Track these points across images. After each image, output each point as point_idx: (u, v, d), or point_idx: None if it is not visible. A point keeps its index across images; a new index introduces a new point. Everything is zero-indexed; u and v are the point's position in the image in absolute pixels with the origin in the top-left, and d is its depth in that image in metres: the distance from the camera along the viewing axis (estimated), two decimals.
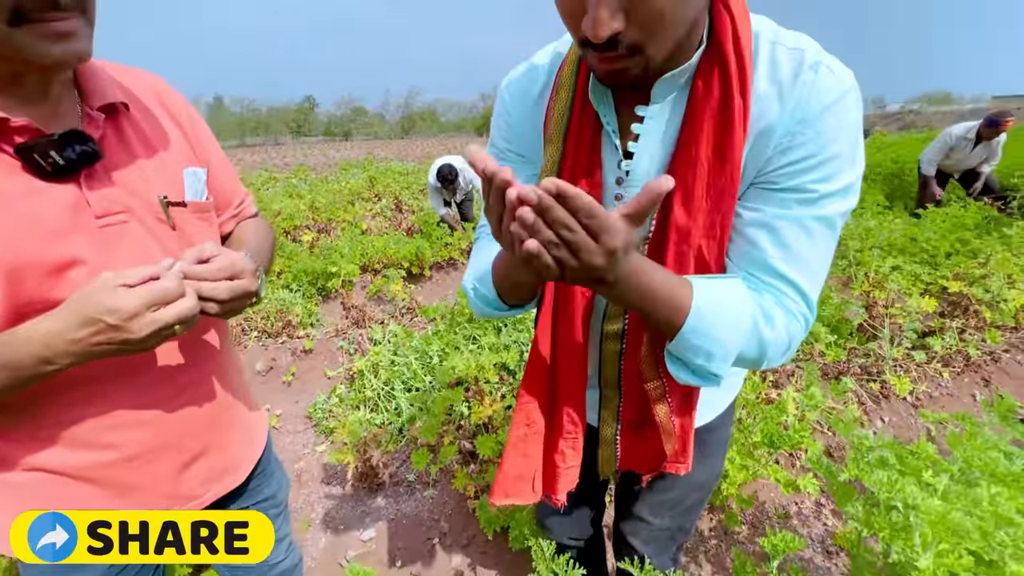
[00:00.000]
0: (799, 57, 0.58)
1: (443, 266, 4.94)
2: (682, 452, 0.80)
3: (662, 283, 0.58)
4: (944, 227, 3.96)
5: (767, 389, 2.13)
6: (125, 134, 0.72)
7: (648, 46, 0.53)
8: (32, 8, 0.55)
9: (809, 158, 0.58)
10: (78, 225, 0.64)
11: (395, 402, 2.53)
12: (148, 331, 0.59)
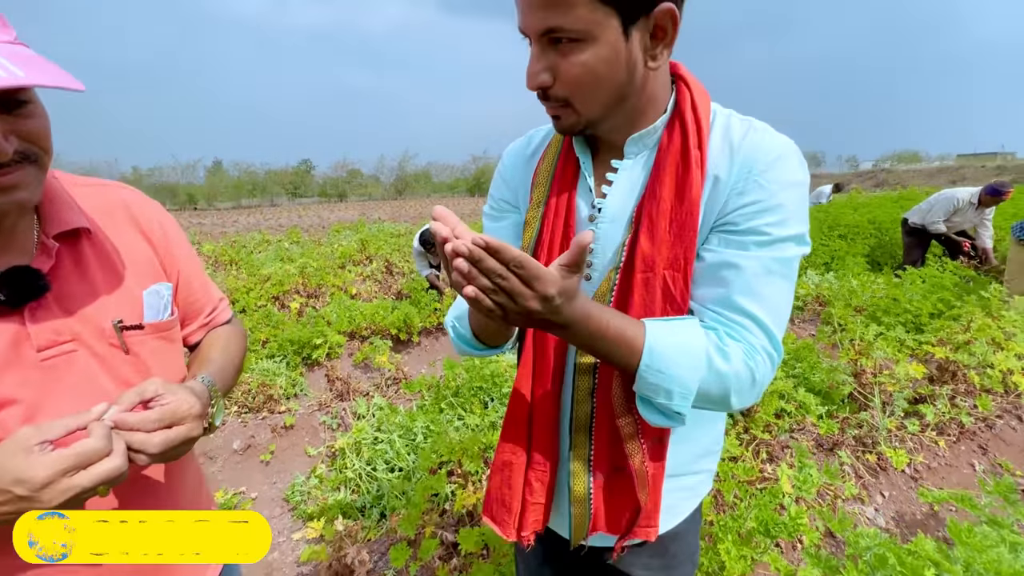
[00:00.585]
0: (748, 124, 0.71)
1: (431, 332, 4.91)
2: (652, 512, 0.78)
3: (613, 325, 0.64)
4: (924, 288, 4.04)
5: (760, 465, 2.06)
6: (83, 259, 0.70)
7: (574, 102, 0.68)
8: None
9: (759, 203, 0.67)
10: (14, 361, 0.62)
11: (376, 484, 2.42)
12: (62, 499, 0.54)
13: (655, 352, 0.64)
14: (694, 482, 0.88)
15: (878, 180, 34.44)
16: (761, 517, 1.53)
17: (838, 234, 6.60)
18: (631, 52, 0.65)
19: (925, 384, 2.79)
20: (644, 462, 0.75)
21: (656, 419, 0.69)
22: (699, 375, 0.65)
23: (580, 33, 0.62)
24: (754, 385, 0.68)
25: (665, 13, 0.63)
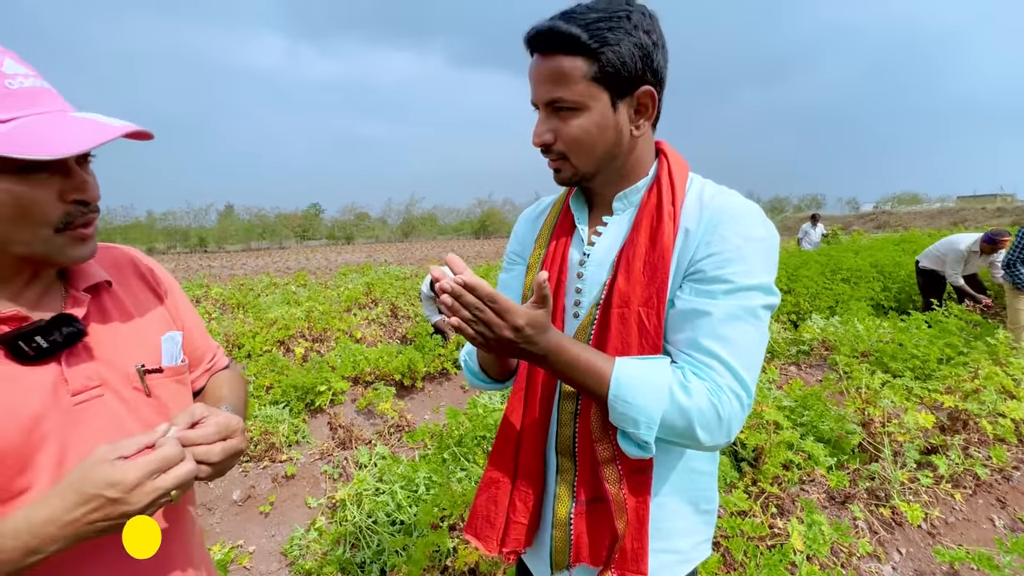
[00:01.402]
0: (719, 189, 0.84)
1: (435, 377, 4.89)
2: (639, 553, 0.79)
3: (583, 357, 0.74)
4: (931, 333, 4.02)
5: (769, 519, 2.01)
6: (106, 310, 0.76)
7: (571, 157, 0.81)
8: (75, 216, 0.65)
9: (724, 253, 0.75)
10: (53, 405, 0.66)
11: (377, 538, 2.36)
12: (148, 500, 0.58)
13: (621, 383, 0.72)
14: (686, 545, 0.89)
15: (879, 222, 34.72)
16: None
17: (841, 278, 6.62)
18: (618, 121, 0.79)
19: (936, 434, 2.73)
20: (622, 490, 0.79)
21: (631, 449, 0.76)
22: (662, 407, 0.72)
23: (577, 104, 0.76)
24: (720, 422, 0.73)
25: (645, 93, 0.78)
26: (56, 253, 0.65)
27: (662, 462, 0.85)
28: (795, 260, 7.48)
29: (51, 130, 0.60)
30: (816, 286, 6.26)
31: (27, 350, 0.65)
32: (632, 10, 0.75)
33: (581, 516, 0.85)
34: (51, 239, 0.64)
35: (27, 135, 0.58)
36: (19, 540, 0.56)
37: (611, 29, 0.73)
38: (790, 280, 6.45)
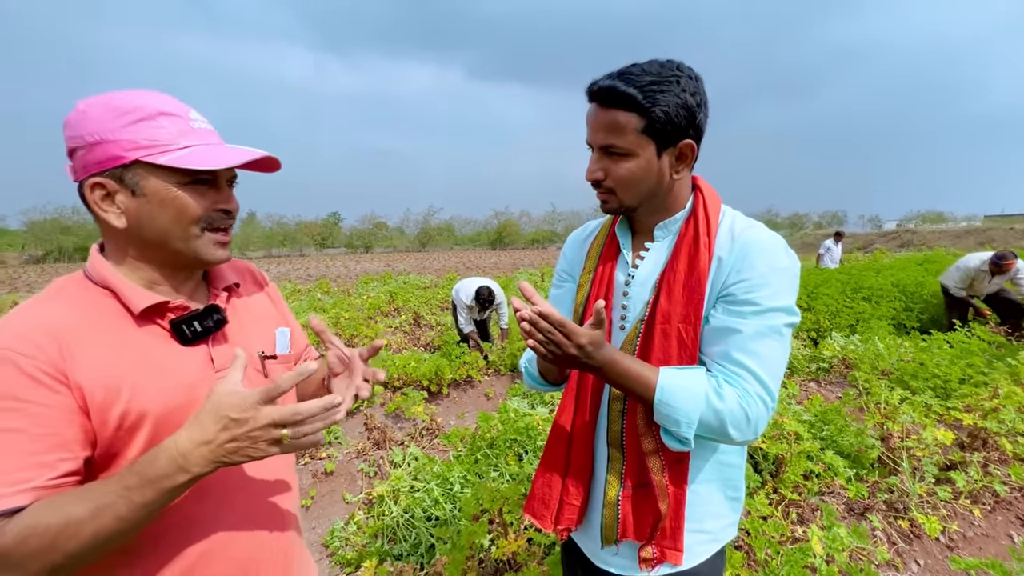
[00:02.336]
0: (748, 222, 0.97)
1: (460, 384, 5.05)
2: (676, 532, 0.94)
3: (635, 368, 0.88)
4: (952, 353, 4.06)
5: (790, 526, 2.11)
6: (236, 306, 0.94)
7: (618, 193, 0.95)
8: (217, 220, 0.84)
9: (753, 279, 0.88)
10: (205, 378, 0.84)
11: (414, 532, 2.51)
12: (265, 421, 0.68)
13: (665, 390, 0.86)
14: (715, 527, 1.03)
15: (902, 240, 34.13)
16: (792, 574, 1.60)
17: (862, 296, 6.63)
18: (661, 167, 0.93)
19: (955, 451, 2.80)
20: (664, 477, 0.94)
21: (672, 444, 0.90)
22: (699, 408, 0.85)
23: (627, 151, 0.91)
24: (749, 422, 0.86)
25: (687, 145, 0.92)
26: (201, 250, 0.83)
27: (697, 455, 0.99)
28: (815, 278, 7.50)
29: (213, 154, 0.79)
30: (836, 304, 6.29)
31: (187, 333, 0.83)
32: (681, 75, 0.88)
33: (628, 499, 0.99)
34: (198, 236, 0.82)
35: (198, 157, 0.78)
36: (165, 463, 0.68)
37: (662, 91, 0.87)
38: (810, 298, 6.48)
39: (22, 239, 54.09)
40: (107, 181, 0.77)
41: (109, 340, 0.76)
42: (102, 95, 0.78)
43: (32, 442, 0.68)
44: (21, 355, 0.69)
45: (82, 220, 52.77)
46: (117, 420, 0.74)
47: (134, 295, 0.80)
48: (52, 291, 0.81)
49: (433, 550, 2.37)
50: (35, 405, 0.69)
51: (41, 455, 0.69)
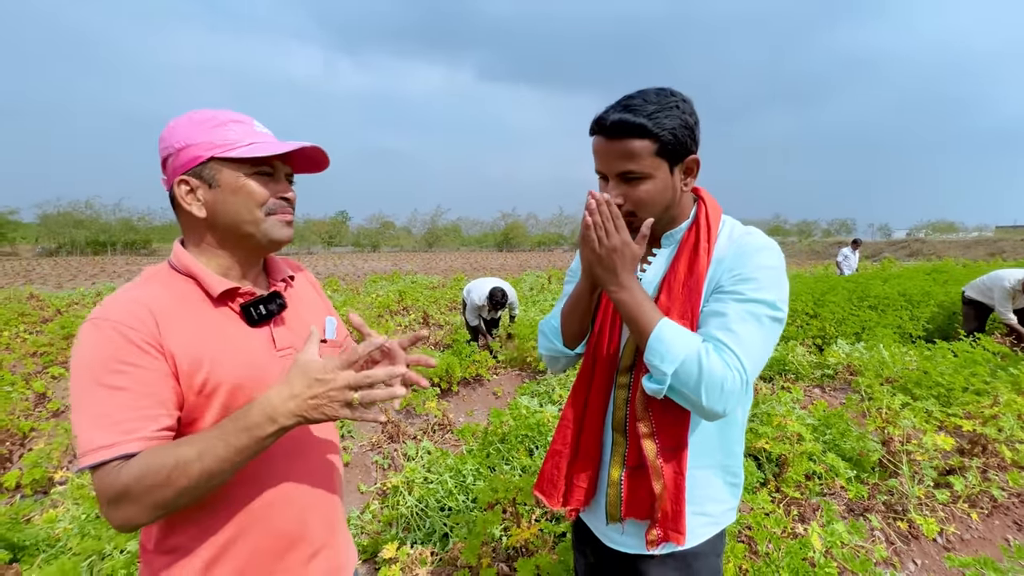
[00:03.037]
0: (745, 229, 1.08)
1: (469, 382, 5.16)
2: (676, 514, 1.02)
3: (647, 304, 0.98)
4: (956, 362, 4.12)
5: (792, 523, 2.19)
6: (291, 296, 1.06)
7: (639, 213, 1.03)
8: (278, 206, 0.95)
9: (743, 273, 0.99)
10: (269, 356, 0.95)
11: (428, 521, 2.61)
12: (342, 383, 0.79)
13: (664, 327, 0.95)
14: (716, 511, 1.11)
15: (912, 250, 33.94)
16: (792, 565, 1.68)
17: (868, 305, 6.68)
18: (674, 183, 1.02)
19: (955, 456, 2.87)
20: (658, 459, 1.03)
21: (649, 385, 0.96)
22: (686, 352, 0.92)
23: (644, 174, 0.99)
24: (723, 392, 0.90)
25: (693, 160, 1.03)
26: (269, 230, 0.94)
27: (697, 443, 1.08)
28: (822, 285, 7.55)
29: (272, 147, 0.92)
30: (842, 312, 6.34)
31: (254, 315, 0.94)
32: (677, 100, 0.99)
33: (627, 479, 1.09)
34: (263, 220, 0.93)
35: (260, 149, 0.91)
36: (261, 412, 0.80)
37: (667, 116, 0.96)
38: (817, 305, 6.54)
39: (35, 232, 54.79)
40: (190, 179, 0.90)
41: (193, 318, 0.89)
42: (185, 114, 0.92)
43: (138, 399, 0.81)
44: (128, 327, 0.81)
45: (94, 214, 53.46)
46: (199, 386, 0.86)
47: (212, 281, 0.92)
48: (145, 277, 0.93)
49: (446, 539, 2.48)
50: (139, 369, 0.81)
51: (145, 410, 0.81)
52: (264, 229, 0.94)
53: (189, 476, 0.78)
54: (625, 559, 1.15)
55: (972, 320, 5.68)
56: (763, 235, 1.06)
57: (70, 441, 2.99)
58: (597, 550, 1.23)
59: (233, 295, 0.94)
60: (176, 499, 0.79)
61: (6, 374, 4.60)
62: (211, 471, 0.79)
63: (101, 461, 0.78)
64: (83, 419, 0.80)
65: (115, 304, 0.84)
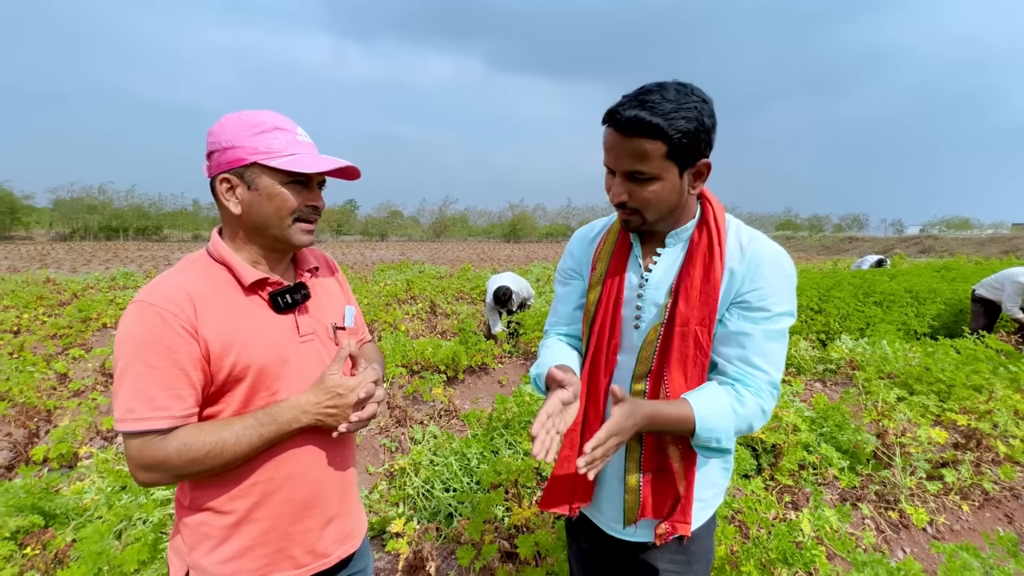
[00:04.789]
0: (752, 233, 1.07)
1: (475, 370, 5.26)
2: (686, 507, 1.07)
3: (673, 412, 0.97)
4: (958, 359, 4.15)
5: (783, 510, 2.27)
6: (315, 285, 1.15)
7: (643, 213, 1.02)
8: (305, 215, 1.03)
9: (764, 288, 1.00)
10: (292, 341, 1.04)
11: (433, 501, 2.72)
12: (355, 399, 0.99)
13: (703, 419, 0.97)
14: (709, 495, 1.16)
15: (924, 246, 33.53)
16: (780, 547, 1.76)
17: (873, 301, 6.69)
18: (682, 186, 1.00)
19: (950, 450, 2.92)
20: (680, 463, 1.07)
21: (710, 454, 1.02)
22: (731, 421, 0.98)
23: (652, 175, 0.97)
24: (764, 414, 1.01)
25: (704, 164, 1.00)
26: (291, 236, 1.03)
27: None
28: (828, 281, 7.55)
29: (309, 161, 0.99)
30: (847, 307, 6.36)
31: (280, 303, 1.03)
32: (696, 100, 0.94)
33: (648, 483, 1.09)
34: (290, 226, 1.02)
35: (299, 162, 0.98)
36: (290, 412, 0.96)
37: (683, 117, 0.92)
38: (822, 300, 6.56)
39: (49, 217, 55.44)
40: (232, 177, 0.98)
41: (226, 305, 0.98)
42: (235, 113, 0.99)
43: (171, 378, 0.91)
44: (167, 311, 0.91)
45: (107, 200, 54.05)
46: (228, 369, 0.95)
47: (244, 271, 1.00)
48: (186, 263, 1.02)
49: (451, 518, 2.58)
50: (174, 350, 0.90)
51: (177, 389, 0.91)
52: (287, 234, 1.02)
53: (223, 457, 0.92)
54: (625, 546, 1.20)
55: (980, 318, 5.66)
56: (770, 240, 1.05)
57: (92, 419, 3.12)
58: (594, 537, 1.26)
59: (263, 284, 1.02)
60: (203, 472, 0.93)
61: (28, 355, 4.77)
62: (241, 454, 0.94)
63: (136, 431, 0.89)
64: (122, 389, 0.90)
65: (159, 288, 0.93)
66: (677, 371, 1.04)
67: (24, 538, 1.80)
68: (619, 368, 1.12)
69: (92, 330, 6.49)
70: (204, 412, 0.98)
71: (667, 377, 1.05)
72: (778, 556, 1.76)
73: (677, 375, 1.04)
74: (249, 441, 0.94)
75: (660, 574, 1.14)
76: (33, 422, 3.25)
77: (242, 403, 0.98)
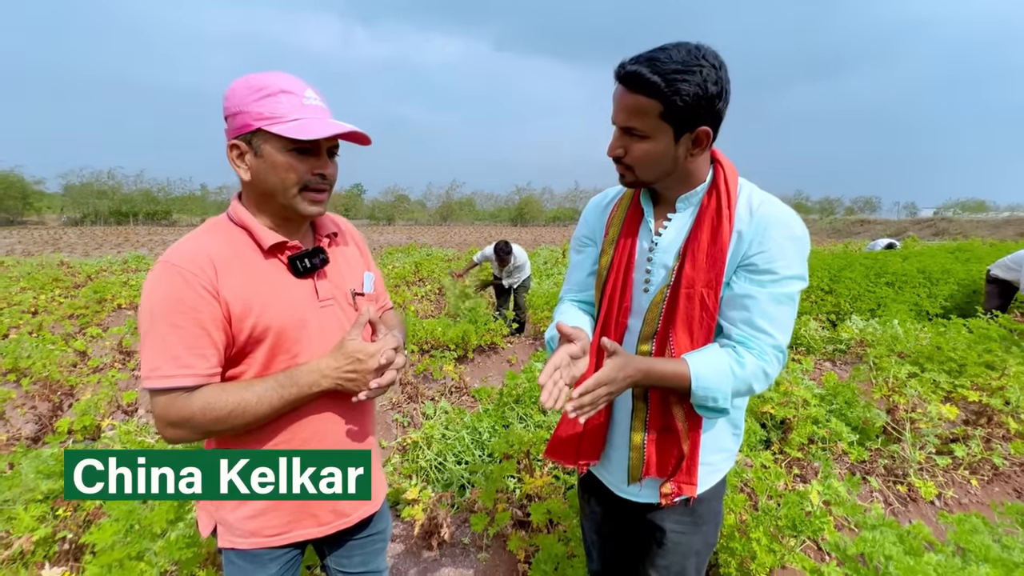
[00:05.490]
0: (764, 196, 1.04)
1: (484, 350, 5.31)
2: (691, 468, 1.08)
3: (668, 368, 0.99)
4: (971, 338, 4.12)
5: (792, 481, 2.30)
6: (334, 251, 1.15)
7: (635, 169, 1.02)
8: (311, 183, 1.00)
9: (771, 251, 0.98)
10: (311, 305, 1.05)
11: (446, 474, 2.78)
12: (375, 365, 1.00)
13: (699, 376, 0.97)
14: (718, 459, 1.17)
15: (937, 229, 33.01)
16: (790, 515, 1.79)
17: (885, 281, 6.62)
18: (676, 151, 0.99)
19: (960, 426, 2.93)
20: (685, 423, 1.08)
21: (709, 414, 1.03)
22: (729, 381, 0.98)
23: (646, 133, 0.97)
24: (767, 376, 1.00)
25: (703, 132, 0.97)
26: (296, 205, 1.01)
27: None
28: (839, 262, 7.48)
29: (312, 127, 0.96)
30: (859, 288, 6.31)
31: (299, 267, 1.04)
32: (704, 65, 0.91)
33: (652, 442, 1.12)
34: (295, 196, 1.00)
35: (301, 129, 0.95)
36: (311, 375, 0.97)
37: (684, 80, 0.90)
38: (832, 281, 6.51)
39: (60, 202, 55.87)
40: (240, 143, 0.96)
41: (246, 267, 0.99)
42: (245, 76, 0.97)
43: (194, 338, 0.92)
44: (190, 272, 0.92)
45: (116, 185, 54.37)
46: (249, 330, 0.97)
47: (263, 235, 1.01)
48: (208, 226, 1.03)
49: (463, 490, 2.64)
50: (196, 311, 0.92)
51: (200, 348, 0.93)
52: (294, 203, 0.99)
53: (245, 417, 0.94)
54: (634, 507, 1.22)
55: (995, 298, 5.58)
56: (781, 203, 1.03)
57: (113, 394, 3.20)
58: (605, 499, 1.29)
59: (282, 248, 1.03)
60: (225, 431, 0.95)
61: (46, 334, 4.87)
62: (262, 415, 0.96)
63: (162, 387, 0.91)
64: (148, 347, 0.92)
65: (182, 250, 0.95)
66: (683, 332, 1.05)
67: (55, 502, 1.87)
68: (629, 331, 1.14)
69: (107, 311, 6.60)
70: (227, 373, 1.00)
71: (672, 338, 1.05)
72: (787, 524, 1.79)
73: (683, 336, 1.05)
74: (270, 402, 0.95)
75: (667, 534, 1.17)
76: (57, 396, 3.34)
77: (263, 365, 1.00)
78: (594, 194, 1.34)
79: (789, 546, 1.85)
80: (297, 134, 0.93)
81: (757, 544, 1.81)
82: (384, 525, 1.33)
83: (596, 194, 1.33)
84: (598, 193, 1.29)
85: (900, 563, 1.03)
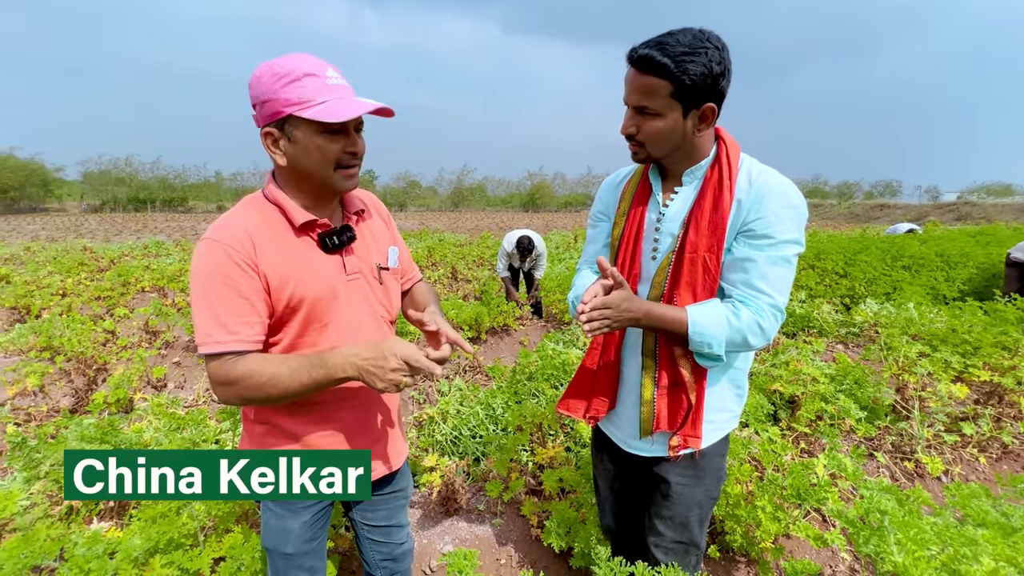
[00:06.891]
0: (763, 168, 1.13)
1: (497, 331, 5.39)
2: (696, 422, 1.18)
3: (668, 312, 1.10)
4: (986, 320, 4.09)
5: (798, 454, 2.35)
6: (362, 227, 1.21)
7: (647, 146, 1.12)
8: (345, 161, 1.06)
9: (768, 218, 1.07)
10: (340, 279, 1.13)
11: (461, 447, 2.88)
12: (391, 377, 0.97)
13: (696, 322, 1.08)
14: (721, 418, 1.26)
15: (960, 213, 32.21)
16: (795, 484, 1.85)
17: (902, 265, 6.56)
18: (685, 127, 1.09)
19: (970, 406, 2.94)
20: (691, 374, 1.18)
21: (705, 362, 1.14)
22: (724, 330, 1.08)
23: (656, 112, 1.07)
24: (763, 331, 1.08)
25: (709, 108, 1.07)
26: (336, 183, 1.07)
27: None
28: (855, 245, 7.41)
29: (344, 107, 1.00)
30: (874, 271, 6.25)
31: (328, 244, 1.11)
32: (709, 47, 1.01)
33: (663, 396, 1.22)
34: (332, 174, 1.06)
35: (331, 110, 0.99)
36: (339, 359, 0.99)
37: (691, 61, 1.00)
38: (847, 264, 6.46)
39: (80, 189, 56.86)
40: (273, 130, 1.02)
41: (280, 243, 1.06)
42: (267, 62, 1.00)
43: (238, 307, 1.00)
44: (231, 247, 1.00)
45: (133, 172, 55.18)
46: (287, 299, 1.05)
47: (296, 212, 1.07)
48: (245, 203, 1.11)
49: (478, 462, 2.74)
50: (238, 283, 1.00)
51: (245, 316, 1.01)
52: (331, 181, 1.05)
53: (276, 389, 0.99)
54: (642, 461, 1.33)
55: (1015, 282, 5.51)
56: (779, 175, 1.12)
57: (143, 370, 3.35)
58: (615, 456, 1.40)
59: (312, 226, 1.09)
60: (260, 400, 1.02)
61: (75, 315, 5.06)
62: (292, 391, 0.99)
63: (214, 352, 0.99)
64: (199, 316, 1.01)
65: (223, 227, 1.02)
66: (687, 294, 1.14)
67: None
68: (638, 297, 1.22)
69: (132, 293, 6.80)
70: (267, 341, 1.07)
71: (677, 300, 1.15)
72: (792, 493, 1.85)
73: (687, 298, 1.14)
74: (300, 380, 0.99)
75: (672, 486, 1.26)
76: (91, 371, 3.50)
77: (297, 333, 1.08)
78: (606, 178, 1.43)
79: (794, 515, 1.92)
80: (327, 117, 0.96)
81: (762, 512, 1.88)
82: (406, 483, 1.43)
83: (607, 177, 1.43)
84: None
85: (895, 517, 1.09)
